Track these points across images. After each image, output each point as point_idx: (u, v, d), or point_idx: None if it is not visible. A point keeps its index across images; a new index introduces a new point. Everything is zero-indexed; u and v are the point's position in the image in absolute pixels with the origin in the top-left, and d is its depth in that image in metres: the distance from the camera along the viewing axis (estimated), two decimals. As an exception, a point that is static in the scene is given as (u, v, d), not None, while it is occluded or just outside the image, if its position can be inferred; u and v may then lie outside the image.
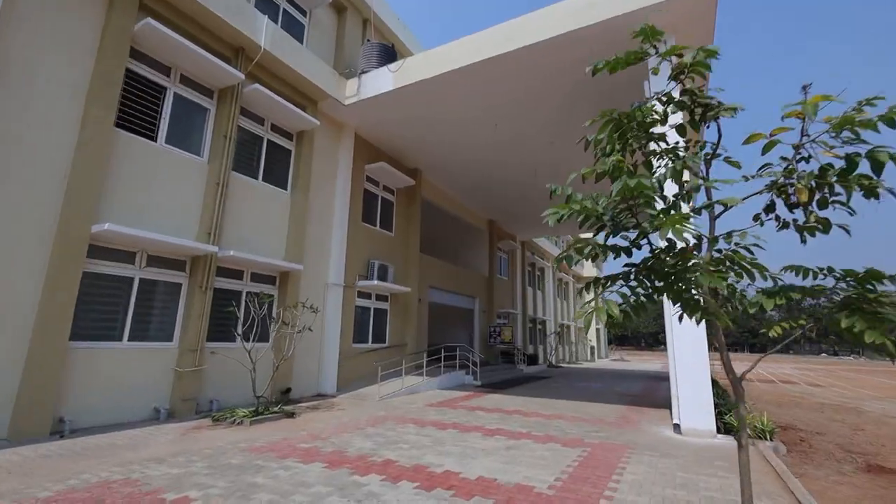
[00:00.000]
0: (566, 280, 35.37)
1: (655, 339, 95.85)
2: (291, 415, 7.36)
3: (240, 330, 8.31)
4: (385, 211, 13.56)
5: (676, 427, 7.03)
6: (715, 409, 6.87)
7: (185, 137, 7.99)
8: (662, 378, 18.54)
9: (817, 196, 2.18)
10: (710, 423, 6.75)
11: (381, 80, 10.41)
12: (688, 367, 7.05)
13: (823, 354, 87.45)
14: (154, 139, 7.45)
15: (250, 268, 8.88)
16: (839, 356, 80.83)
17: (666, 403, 9.99)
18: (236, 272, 8.64)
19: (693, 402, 6.93)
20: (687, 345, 7.11)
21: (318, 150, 10.87)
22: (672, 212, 2.57)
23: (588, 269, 40.07)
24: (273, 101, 9.17)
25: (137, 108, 7.30)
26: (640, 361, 39.19)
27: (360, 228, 12.22)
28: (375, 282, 11.68)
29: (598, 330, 40.74)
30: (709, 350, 7.10)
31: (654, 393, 12.71)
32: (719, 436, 6.67)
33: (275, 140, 9.83)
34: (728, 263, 2.36)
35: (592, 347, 38.43)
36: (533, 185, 17.03)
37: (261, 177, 9.36)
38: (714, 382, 7.83)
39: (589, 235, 2.94)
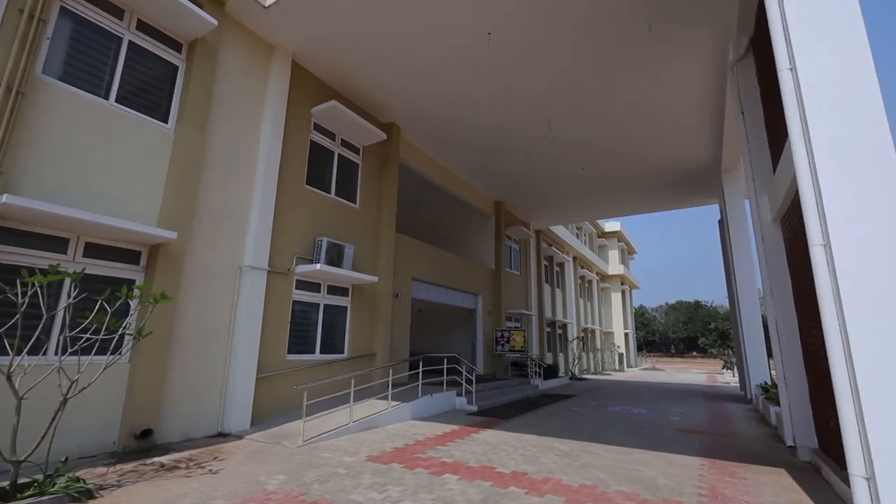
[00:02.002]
0: (590, 278, 31.53)
1: (687, 345, 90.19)
2: (87, 495, 4.03)
3: (57, 335, 5.09)
4: (345, 174, 10.25)
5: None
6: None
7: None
8: (720, 396, 14.67)
9: None
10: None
11: (314, -38, 7.14)
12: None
13: None
14: None
15: (83, 233, 5.64)
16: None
17: (761, 449, 6.36)
18: (49, 240, 5.40)
19: None
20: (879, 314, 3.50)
21: (228, 72, 7.63)
22: None
23: (614, 267, 36.13)
24: (130, -25, 5.97)
25: None
26: (675, 370, 34.92)
27: (302, 194, 8.94)
28: (323, 267, 8.36)
29: (626, 335, 36.63)
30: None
31: (724, 423, 9.02)
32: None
33: (145, 44, 6.61)
34: None
35: (621, 355, 34.37)
36: (549, 158, 13.53)
37: (114, 96, 6.14)
38: None
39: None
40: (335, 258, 8.97)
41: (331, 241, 8.91)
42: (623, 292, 37.15)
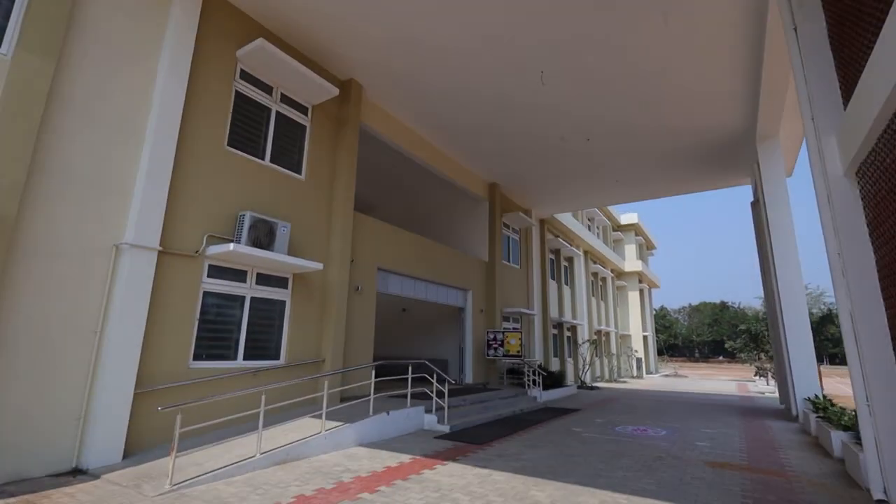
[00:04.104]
0: (603, 275, 29.44)
1: (712, 349, 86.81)
2: None
3: None
4: (286, 138, 8.55)
5: None
6: None
7: None
8: (757, 411, 12.63)
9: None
10: None
11: None
12: None
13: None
14: None
15: None
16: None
17: (830, 498, 4.48)
18: None
19: None
20: None
21: (103, -11, 5.98)
22: None
23: (631, 263, 33.99)
24: None
25: None
26: (700, 377, 32.60)
27: (221, 157, 7.26)
28: (238, 247, 6.66)
29: (645, 338, 34.40)
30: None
31: (770, 452, 7.08)
32: None
33: (-37, -62, 4.99)
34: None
35: (639, 360, 32.17)
36: (552, 132, 11.67)
37: None
38: None
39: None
40: (263, 238, 7.26)
41: (256, 216, 7.20)
42: (641, 291, 34.93)
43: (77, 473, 5.12)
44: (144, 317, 5.85)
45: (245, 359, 7.31)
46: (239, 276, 7.37)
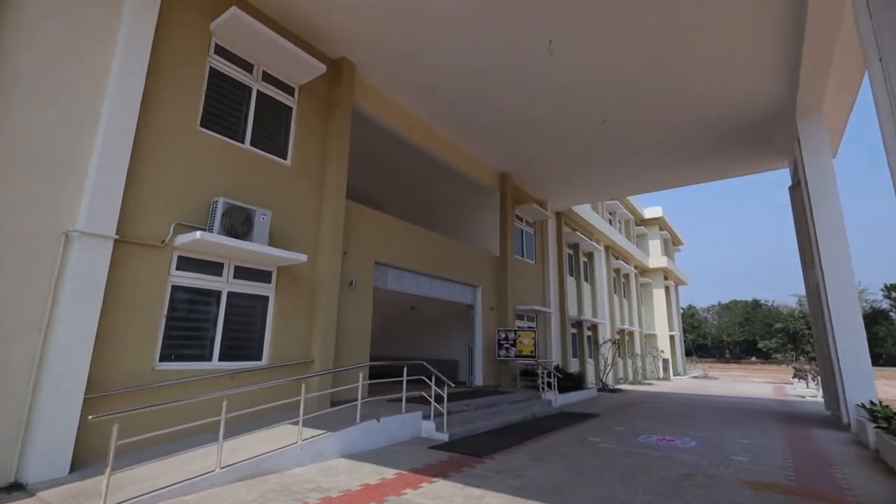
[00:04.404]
0: (626, 271, 28.10)
1: (744, 350, 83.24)
2: None
3: None
4: (269, 120, 7.91)
5: None
6: None
7: None
8: (799, 418, 11.38)
9: None
10: None
11: None
12: None
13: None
14: None
15: None
16: None
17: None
18: None
19: None
20: None
21: (50, -50, 5.43)
22: None
23: (656, 259, 32.48)
24: None
25: None
26: (732, 379, 30.82)
27: (193, 139, 6.66)
28: (206, 236, 6.03)
29: (672, 337, 32.80)
30: None
31: (821, 469, 6.02)
32: None
33: None
34: None
35: (665, 361, 30.63)
36: (568, 116, 10.75)
37: None
38: None
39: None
40: (239, 227, 6.62)
41: (231, 202, 6.56)
42: (667, 288, 33.33)
43: (13, 489, 4.54)
44: (97, 312, 5.26)
45: (221, 360, 6.68)
46: (214, 268, 6.75)
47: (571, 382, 14.30)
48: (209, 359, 6.57)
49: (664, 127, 11.73)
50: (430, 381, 7.80)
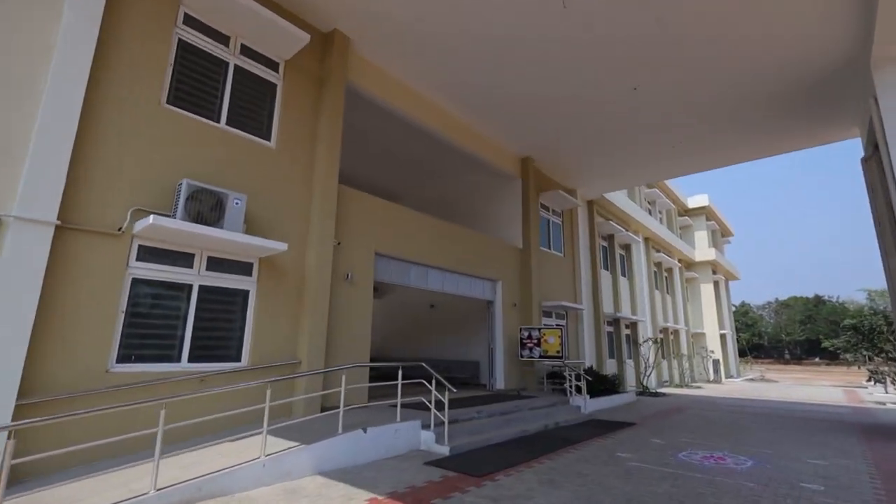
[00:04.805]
0: (669, 265, 26.06)
1: (805, 350, 76.86)
2: None
3: None
4: (249, 97, 7.22)
5: None
6: None
7: None
8: (884, 429, 9.57)
9: None
10: None
11: None
12: None
13: None
14: None
15: None
16: None
17: None
18: None
19: None
20: None
21: None
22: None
23: (702, 251, 30.11)
24: None
25: None
26: (793, 382, 27.98)
27: (157, 117, 6.04)
28: (178, 223, 5.38)
29: (723, 336, 30.27)
30: None
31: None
32: None
33: None
34: None
35: (716, 362, 28.21)
36: (593, 83, 9.53)
37: None
38: None
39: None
40: (207, 213, 5.93)
41: (197, 184, 5.88)
42: (716, 283, 30.81)
43: (-73, 509, 3.97)
44: (34, 307, 4.66)
45: (192, 361, 6.02)
46: (183, 259, 6.10)
47: (605, 386, 12.94)
48: (177, 360, 5.91)
49: (706, 92, 10.23)
50: (431, 384, 6.85)
